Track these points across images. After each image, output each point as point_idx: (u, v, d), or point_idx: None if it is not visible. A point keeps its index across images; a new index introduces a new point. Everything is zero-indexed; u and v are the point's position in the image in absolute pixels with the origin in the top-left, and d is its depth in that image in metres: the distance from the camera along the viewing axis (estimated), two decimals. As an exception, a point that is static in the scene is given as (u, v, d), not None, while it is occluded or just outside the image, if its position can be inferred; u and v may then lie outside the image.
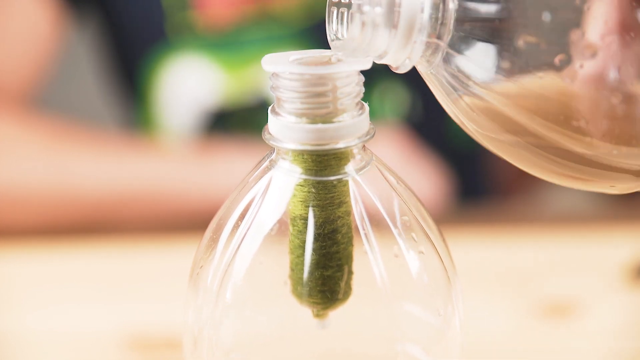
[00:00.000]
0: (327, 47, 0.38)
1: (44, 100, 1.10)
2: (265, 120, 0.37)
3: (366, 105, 0.38)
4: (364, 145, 0.38)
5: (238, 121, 0.93)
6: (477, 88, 0.35)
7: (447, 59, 0.35)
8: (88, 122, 1.01)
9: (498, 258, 0.73)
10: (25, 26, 0.92)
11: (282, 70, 0.35)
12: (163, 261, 0.74)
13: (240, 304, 0.38)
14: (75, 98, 1.50)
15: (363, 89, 0.37)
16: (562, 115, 0.34)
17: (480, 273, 0.71)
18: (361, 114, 0.37)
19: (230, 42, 0.92)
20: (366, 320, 0.39)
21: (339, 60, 0.36)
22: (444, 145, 1.00)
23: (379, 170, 0.38)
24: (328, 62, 0.36)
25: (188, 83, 0.94)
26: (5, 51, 0.92)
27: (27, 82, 0.93)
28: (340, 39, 0.36)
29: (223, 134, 0.94)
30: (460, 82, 0.35)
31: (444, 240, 0.40)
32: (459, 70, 0.35)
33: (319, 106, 0.36)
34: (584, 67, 0.34)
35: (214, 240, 0.39)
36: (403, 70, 0.36)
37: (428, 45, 0.35)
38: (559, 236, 0.76)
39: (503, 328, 0.65)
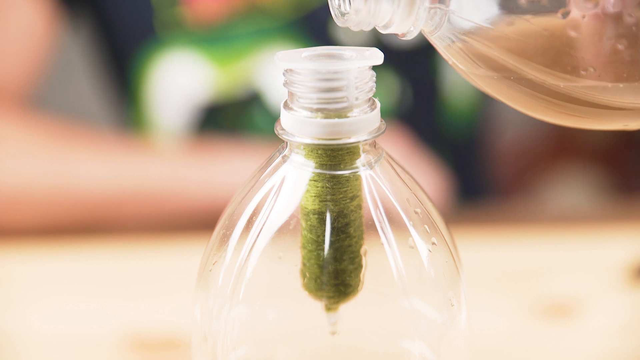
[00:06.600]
0: (317, 38, 0.38)
1: (39, 100, 1.10)
2: (256, 113, 0.38)
3: (377, 100, 0.38)
4: (375, 141, 0.38)
5: (230, 115, 0.93)
6: (483, 47, 0.36)
7: (451, 22, 0.36)
8: (82, 122, 1.01)
9: (498, 258, 0.73)
10: (21, 26, 0.91)
11: (300, 67, 0.36)
12: (163, 261, 0.74)
13: (257, 299, 0.38)
14: (69, 98, 1.50)
15: (375, 85, 0.37)
16: (570, 66, 0.35)
17: (480, 273, 0.71)
18: (373, 109, 0.37)
19: (220, 37, 0.93)
20: (379, 314, 0.39)
21: (351, 56, 0.37)
22: (437, 135, 1.00)
23: (390, 164, 0.39)
24: (342, 58, 0.36)
25: (179, 79, 0.94)
26: (1, 51, 0.92)
27: (23, 82, 0.93)
28: (343, 13, 0.37)
29: (215, 128, 0.94)
30: (466, 42, 0.36)
31: (450, 234, 0.40)
32: (464, 32, 0.36)
33: (336, 101, 0.36)
34: (587, 17, 0.34)
35: (226, 237, 0.39)
36: (409, 37, 0.37)
37: (431, 10, 0.36)
38: (559, 236, 0.76)
39: (502, 328, 0.65)
